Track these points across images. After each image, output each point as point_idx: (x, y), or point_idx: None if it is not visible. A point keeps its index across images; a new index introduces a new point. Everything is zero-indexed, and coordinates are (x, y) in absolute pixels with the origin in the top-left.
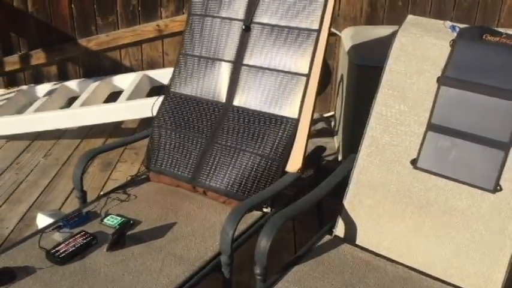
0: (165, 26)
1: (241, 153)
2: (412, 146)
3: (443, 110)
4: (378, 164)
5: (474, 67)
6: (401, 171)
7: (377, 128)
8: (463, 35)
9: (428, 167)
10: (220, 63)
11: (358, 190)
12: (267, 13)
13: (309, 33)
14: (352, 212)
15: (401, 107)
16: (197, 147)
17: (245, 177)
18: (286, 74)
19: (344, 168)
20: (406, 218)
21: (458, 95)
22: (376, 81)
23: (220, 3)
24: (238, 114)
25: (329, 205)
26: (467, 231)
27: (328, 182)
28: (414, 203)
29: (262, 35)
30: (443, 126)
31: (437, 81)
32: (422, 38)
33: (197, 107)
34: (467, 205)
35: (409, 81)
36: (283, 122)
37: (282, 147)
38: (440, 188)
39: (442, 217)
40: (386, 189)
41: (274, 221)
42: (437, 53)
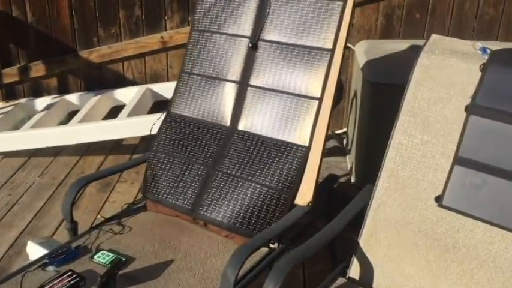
0: (170, 37)
1: (245, 183)
2: (437, 181)
3: (473, 142)
4: (397, 199)
5: (508, 95)
6: (425, 209)
7: (397, 159)
8: (495, 58)
9: (456, 205)
10: (225, 84)
11: (376, 228)
12: (276, 30)
13: (321, 53)
14: (368, 252)
15: (424, 136)
16: (198, 175)
17: (250, 210)
18: (296, 96)
19: (360, 201)
20: (429, 262)
21: (490, 125)
22: (392, 100)
23: (225, 18)
24: (244, 139)
25: (343, 235)
26: (499, 280)
27: (341, 217)
28: (439, 245)
29: (270, 54)
30: (473, 160)
31: (466, 110)
32: (448, 61)
33: (199, 130)
34: (500, 250)
35: (434, 108)
36: (292, 150)
37: (290, 177)
38: (469, 229)
39: (471, 263)
40: (408, 228)
41: (281, 267)
42: (466, 78)
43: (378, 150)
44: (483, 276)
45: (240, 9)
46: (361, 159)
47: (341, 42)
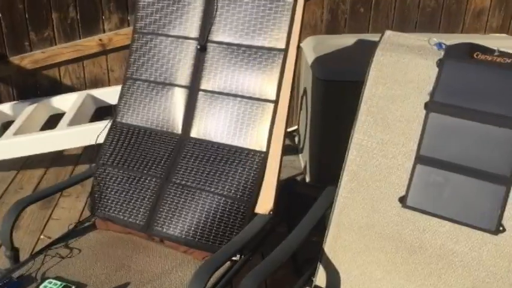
0: (109, 39)
1: (202, 194)
2: (400, 182)
3: (434, 139)
4: (361, 202)
5: (466, 90)
6: (389, 211)
7: (358, 160)
8: (451, 53)
9: (420, 205)
10: (173, 89)
11: (340, 233)
12: (225, 31)
13: (274, 54)
14: (334, 258)
15: (384, 136)
16: (150, 188)
17: (208, 222)
18: (251, 100)
19: (321, 205)
20: (397, 265)
21: (450, 122)
22: (344, 97)
23: (170, 19)
24: (197, 147)
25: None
26: (467, 280)
27: (304, 224)
28: (405, 247)
29: (221, 56)
30: (435, 159)
31: (425, 107)
32: (404, 58)
33: (149, 140)
34: (466, 249)
35: (392, 107)
36: (249, 156)
37: (249, 185)
38: (435, 229)
39: (438, 263)
40: (373, 232)
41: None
42: (423, 74)
43: (332, 148)
44: (451, 275)
45: (185, 9)
46: (315, 157)
47: (294, 42)
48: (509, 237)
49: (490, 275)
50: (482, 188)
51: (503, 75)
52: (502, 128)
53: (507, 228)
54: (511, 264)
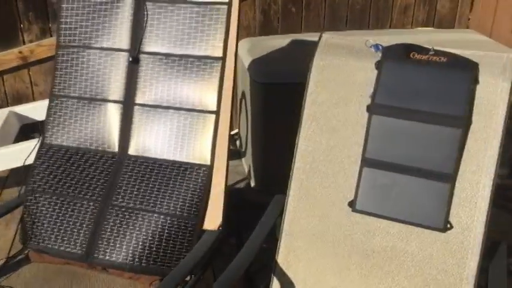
0: (30, 52)
1: (145, 215)
2: (348, 186)
3: (378, 142)
4: (311, 210)
5: (405, 91)
6: (339, 216)
7: (305, 168)
8: (389, 54)
9: (369, 208)
10: (106, 105)
11: (292, 243)
12: (158, 40)
13: (212, 62)
14: (288, 269)
15: (329, 141)
16: (88, 213)
17: (154, 245)
18: (190, 112)
19: (271, 216)
20: (351, 270)
21: (393, 124)
22: (283, 99)
23: (97, 30)
24: (137, 165)
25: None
26: (420, 279)
27: (255, 238)
28: (358, 251)
29: (155, 67)
30: (380, 161)
31: (368, 109)
32: (343, 61)
33: (83, 161)
34: (417, 248)
35: (335, 111)
36: (193, 171)
37: (195, 201)
38: (385, 231)
39: (390, 265)
40: (325, 239)
41: None
42: (363, 77)
43: (275, 151)
44: (403, 276)
45: (113, 19)
46: (259, 162)
47: (232, 49)
48: (456, 233)
49: (441, 272)
50: (428, 187)
51: (439, 74)
52: (442, 126)
53: (454, 225)
54: (460, 259)
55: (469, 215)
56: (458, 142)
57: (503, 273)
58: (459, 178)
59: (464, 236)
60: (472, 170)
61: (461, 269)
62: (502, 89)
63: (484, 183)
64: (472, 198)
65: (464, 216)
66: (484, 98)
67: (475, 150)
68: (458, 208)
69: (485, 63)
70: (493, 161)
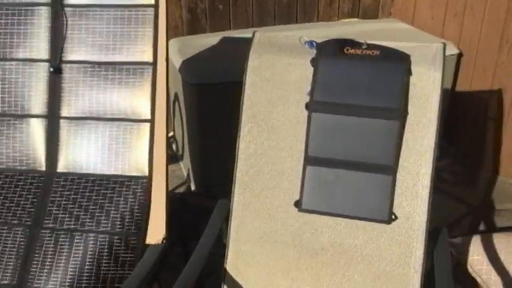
0: None
1: (82, 236)
2: (293, 186)
3: (319, 139)
4: (257, 213)
5: (342, 86)
6: (286, 217)
7: (248, 171)
8: (323, 50)
9: (315, 206)
10: (29, 120)
11: (240, 248)
12: (81, 48)
13: (142, 68)
14: (238, 276)
15: (271, 142)
16: (18, 239)
17: (94, 266)
18: (123, 122)
19: (215, 223)
20: (301, 270)
21: (332, 120)
22: (218, 99)
23: (12, 40)
24: (68, 183)
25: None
26: (370, 272)
27: (200, 251)
28: (307, 251)
29: (80, 77)
30: (323, 158)
31: (306, 107)
32: (279, 60)
33: (7, 183)
34: (364, 242)
35: (275, 111)
36: (131, 184)
37: (135, 216)
38: (333, 228)
39: (340, 261)
40: (273, 241)
41: None
42: (300, 74)
43: (214, 153)
44: (354, 271)
45: (28, 28)
46: (198, 164)
47: (162, 53)
48: (401, 223)
49: (390, 263)
50: (370, 180)
51: (373, 68)
52: (379, 119)
53: (398, 216)
54: (406, 249)
55: (412, 204)
56: (396, 134)
57: (447, 257)
58: (400, 169)
59: (409, 225)
60: (411, 160)
61: (408, 258)
62: (434, 79)
63: (424, 172)
64: (413, 187)
65: (407, 206)
66: (418, 88)
67: (413, 140)
68: (401, 199)
69: (416, 55)
70: (431, 149)
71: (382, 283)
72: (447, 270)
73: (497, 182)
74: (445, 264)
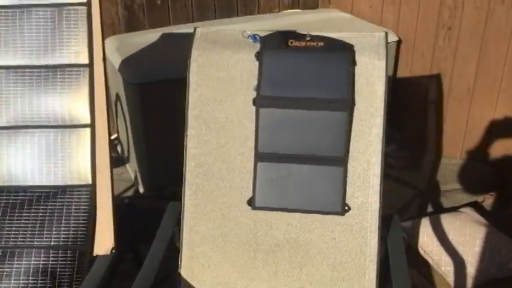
0: None
1: (23, 252)
2: (245, 185)
3: (269, 135)
4: (210, 214)
5: (288, 80)
6: (240, 216)
7: (198, 171)
8: (267, 44)
9: (268, 203)
10: None
11: (195, 252)
12: (9, 51)
13: (78, 71)
14: (193, 280)
15: (220, 140)
16: None
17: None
18: (61, 128)
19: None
20: (258, 269)
21: (280, 115)
22: (162, 98)
23: None
24: (4, 197)
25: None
26: (326, 264)
27: (152, 259)
28: (263, 248)
29: (10, 83)
30: (273, 154)
31: (254, 103)
32: (223, 55)
33: None
34: (319, 235)
35: (222, 108)
36: (74, 193)
37: (81, 227)
38: (287, 223)
39: (296, 256)
40: (228, 241)
41: None
42: (245, 70)
43: (162, 153)
44: (311, 265)
45: None
46: (145, 166)
47: (98, 53)
48: (355, 214)
49: (346, 254)
50: (322, 173)
51: (318, 60)
52: (327, 111)
53: (352, 207)
54: (361, 239)
55: (364, 194)
56: (345, 125)
57: (400, 244)
58: (350, 160)
59: (362, 215)
60: (361, 151)
61: (363, 248)
62: (379, 68)
63: (374, 161)
64: (364, 177)
65: (360, 197)
66: (363, 78)
67: (361, 130)
68: (354, 189)
69: (360, 44)
70: (379, 138)
71: (339, 274)
72: (401, 257)
73: (440, 164)
74: (399, 251)
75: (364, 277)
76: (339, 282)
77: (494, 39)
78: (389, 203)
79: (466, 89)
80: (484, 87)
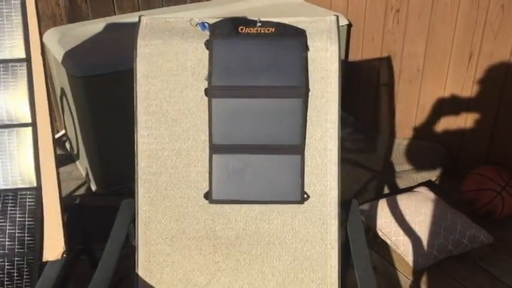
0: None
1: None
2: (201, 178)
3: (223, 126)
4: (166, 211)
5: (240, 68)
6: (197, 211)
7: (150, 167)
8: (216, 31)
9: (226, 196)
10: None
11: (152, 251)
12: None
13: (14, 66)
14: (152, 279)
15: (172, 134)
16: None
17: None
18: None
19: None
20: (218, 263)
21: (234, 104)
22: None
23: None
24: None
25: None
26: (288, 254)
27: (107, 260)
28: (223, 243)
29: None
30: (229, 145)
31: (206, 93)
32: (170, 45)
33: None
34: (280, 226)
35: (172, 100)
36: (16, 198)
37: (27, 232)
38: (247, 215)
39: (257, 248)
40: (186, 238)
41: None
42: (195, 59)
43: (113, 148)
44: (272, 256)
45: None
46: (96, 162)
47: (36, 46)
48: (314, 202)
49: (307, 243)
50: (280, 162)
51: (270, 46)
52: (282, 99)
53: (310, 194)
54: (321, 226)
55: (322, 181)
56: (300, 112)
57: (360, 228)
58: (307, 147)
59: (321, 203)
60: (317, 137)
61: (324, 236)
62: (332, 52)
63: (331, 147)
64: (322, 164)
65: (318, 184)
66: (316, 64)
67: (317, 117)
68: (312, 177)
69: (311, 29)
70: (335, 124)
71: (301, 264)
72: (362, 241)
73: (394, 145)
74: (359, 235)
75: (327, 264)
76: (302, 271)
77: (441, 19)
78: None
79: (415, 70)
80: (433, 68)
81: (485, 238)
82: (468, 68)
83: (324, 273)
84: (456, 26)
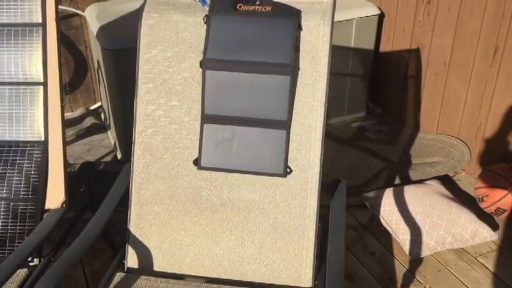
0: None
1: None
2: (192, 145)
3: (215, 97)
4: (158, 173)
5: (235, 43)
6: (187, 175)
7: (146, 131)
8: (216, 7)
9: (213, 164)
10: None
11: (143, 209)
12: None
13: (31, 29)
14: (141, 236)
15: (168, 102)
16: None
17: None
18: (15, 85)
19: (121, 183)
20: (203, 227)
21: (226, 78)
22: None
23: None
24: None
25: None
26: (268, 224)
27: (106, 205)
28: (207, 207)
29: None
30: (219, 116)
31: (201, 65)
32: (172, 18)
33: None
34: (262, 196)
35: (170, 70)
36: (26, 149)
37: (33, 181)
38: (231, 183)
39: (239, 215)
40: (175, 200)
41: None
42: (193, 32)
43: None
44: (252, 224)
45: None
46: (122, 132)
47: (51, 13)
48: (295, 176)
49: (286, 214)
50: (266, 135)
51: (265, 24)
52: (272, 75)
53: (293, 169)
54: (301, 200)
55: (306, 157)
56: (289, 89)
57: (342, 208)
58: (293, 123)
59: (303, 177)
60: (304, 115)
61: (303, 209)
62: (324, 34)
63: (316, 125)
64: (306, 141)
65: (301, 159)
66: (308, 43)
67: (304, 95)
68: (296, 152)
69: (307, 10)
70: (321, 104)
71: (279, 234)
72: (340, 220)
73: (416, 138)
74: (339, 215)
75: (304, 237)
76: (280, 241)
77: (470, 13)
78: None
79: (442, 63)
80: (459, 62)
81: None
82: (493, 64)
83: (300, 245)
84: (483, 21)
